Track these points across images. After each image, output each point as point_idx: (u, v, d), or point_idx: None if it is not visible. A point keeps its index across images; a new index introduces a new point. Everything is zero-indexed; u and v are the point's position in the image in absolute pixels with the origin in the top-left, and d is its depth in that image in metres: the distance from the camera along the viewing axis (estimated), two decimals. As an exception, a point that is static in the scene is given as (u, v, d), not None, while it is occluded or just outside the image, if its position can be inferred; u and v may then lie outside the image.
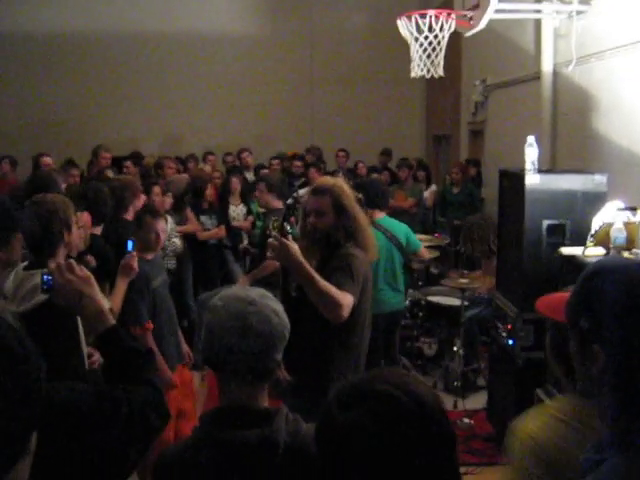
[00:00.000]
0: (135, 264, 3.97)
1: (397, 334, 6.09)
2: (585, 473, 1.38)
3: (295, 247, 3.18)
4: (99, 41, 12.23)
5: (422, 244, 6.09)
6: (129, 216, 5.34)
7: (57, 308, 2.15)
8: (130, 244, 4.02)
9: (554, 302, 1.69)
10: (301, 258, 3.17)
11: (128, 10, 12.21)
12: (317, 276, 3.19)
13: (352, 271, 3.36)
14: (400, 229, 5.72)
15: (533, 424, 1.79)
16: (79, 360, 3.16)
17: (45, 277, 2.01)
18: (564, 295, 1.60)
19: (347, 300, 3.25)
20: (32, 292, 2.69)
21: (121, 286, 3.92)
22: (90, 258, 4.25)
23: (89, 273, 1.98)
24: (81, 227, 3.83)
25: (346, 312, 3.24)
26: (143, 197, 5.72)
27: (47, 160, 7.83)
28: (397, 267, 5.66)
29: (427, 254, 6.25)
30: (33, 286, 2.70)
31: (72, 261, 2.02)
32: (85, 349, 3.23)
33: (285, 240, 3.17)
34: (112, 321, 1.94)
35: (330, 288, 3.21)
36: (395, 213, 6.66)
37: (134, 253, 4.03)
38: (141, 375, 1.85)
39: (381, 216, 5.70)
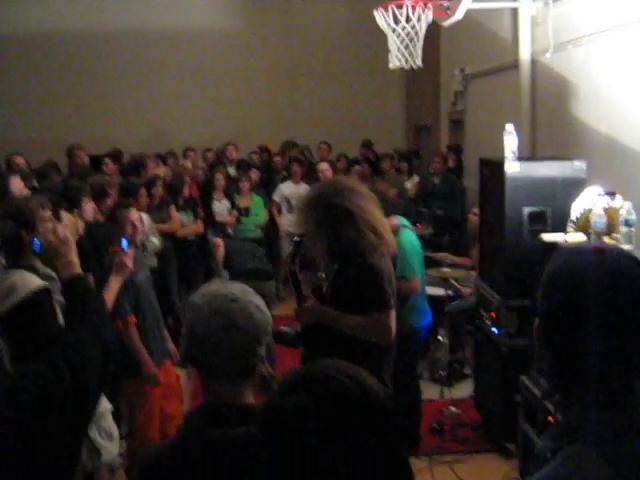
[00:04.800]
0: (130, 262, 3.95)
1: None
2: (542, 461, 1.39)
3: (319, 307, 3.38)
4: (74, 38, 12.09)
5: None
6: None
7: (34, 306, 2.33)
8: (125, 242, 4.01)
9: None
10: (326, 312, 3.34)
11: (105, 6, 12.09)
12: (348, 318, 3.27)
13: (378, 285, 3.29)
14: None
15: None
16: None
17: (35, 240, 2.62)
18: None
19: (387, 321, 3.29)
20: (7, 293, 2.66)
21: (114, 284, 3.89)
22: None
23: (67, 235, 2.30)
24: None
25: (390, 333, 3.30)
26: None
27: (19, 160, 7.27)
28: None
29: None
30: (8, 287, 2.67)
31: (58, 225, 2.42)
32: None
33: (310, 305, 3.41)
34: (78, 271, 2.25)
35: (362, 323, 3.26)
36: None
37: (129, 251, 4.02)
38: (92, 315, 2.11)
39: None
